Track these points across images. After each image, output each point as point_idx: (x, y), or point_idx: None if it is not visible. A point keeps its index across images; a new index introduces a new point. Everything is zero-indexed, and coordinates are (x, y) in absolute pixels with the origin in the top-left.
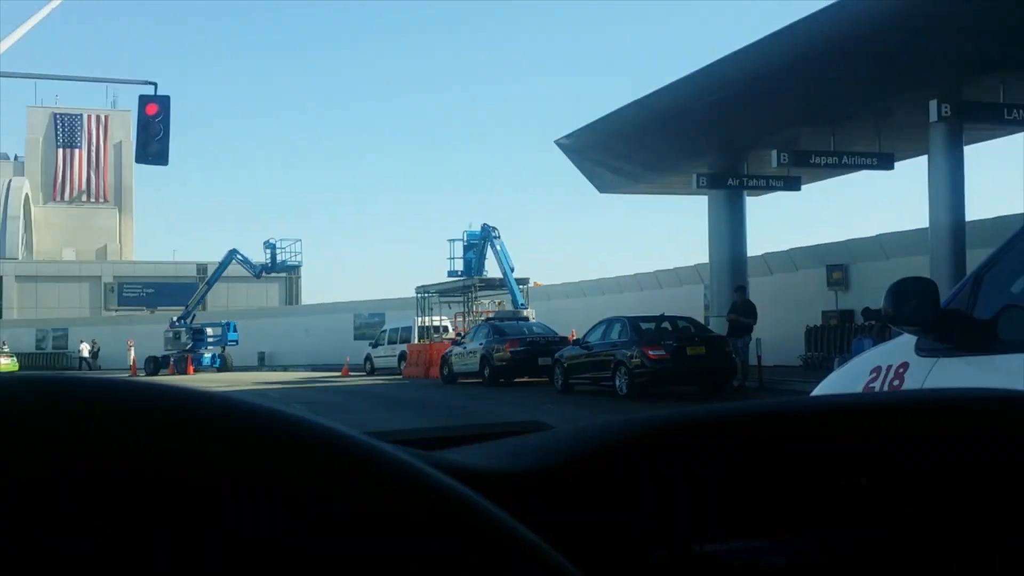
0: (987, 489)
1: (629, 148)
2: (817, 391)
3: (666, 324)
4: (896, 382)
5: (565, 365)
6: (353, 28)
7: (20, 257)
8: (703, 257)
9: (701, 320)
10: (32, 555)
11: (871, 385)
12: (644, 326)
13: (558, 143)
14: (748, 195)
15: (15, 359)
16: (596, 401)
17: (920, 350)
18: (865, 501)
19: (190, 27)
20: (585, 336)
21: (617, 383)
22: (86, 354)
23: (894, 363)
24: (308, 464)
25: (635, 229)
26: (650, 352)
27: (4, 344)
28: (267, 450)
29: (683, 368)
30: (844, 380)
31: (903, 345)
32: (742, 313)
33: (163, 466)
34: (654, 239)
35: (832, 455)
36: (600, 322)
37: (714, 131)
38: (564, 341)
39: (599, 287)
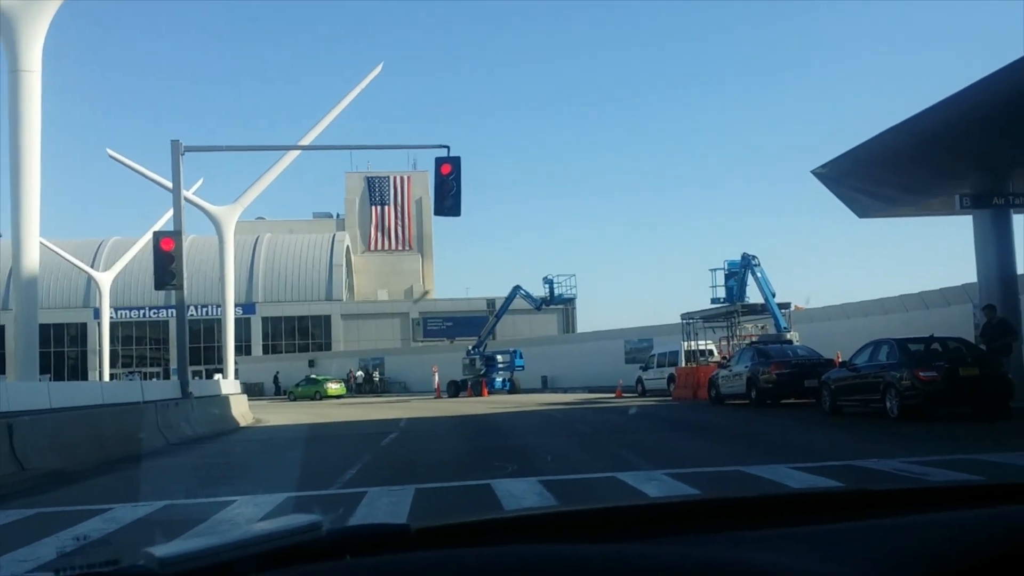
0: None
1: (887, 173)
2: None
3: (936, 345)
4: None
5: (832, 387)
6: (612, 81)
7: (344, 299)
8: (970, 276)
9: (972, 341)
10: None
11: None
12: (913, 347)
13: (815, 172)
14: (1014, 212)
15: (343, 384)
16: (867, 423)
17: None
18: None
19: (475, 90)
20: (852, 358)
21: (888, 405)
22: (359, 380)
23: None
24: None
25: (896, 250)
26: (921, 374)
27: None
28: None
29: (956, 390)
30: None
31: None
32: (994, 334)
33: None
34: (917, 259)
35: None
36: (867, 344)
37: (976, 152)
38: (830, 363)
39: (862, 309)
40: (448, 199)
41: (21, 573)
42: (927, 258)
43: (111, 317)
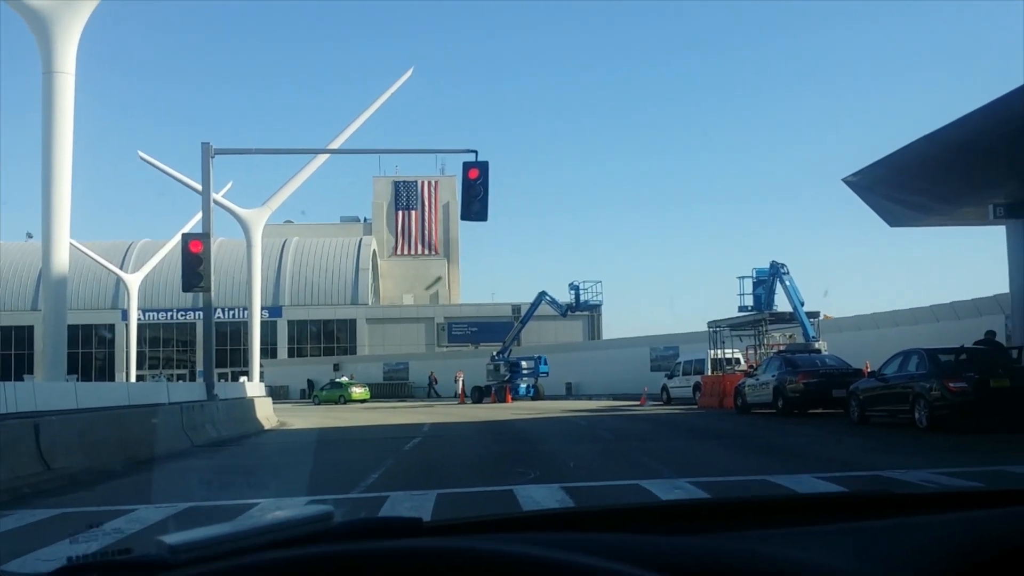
0: None
1: (920, 182)
2: None
3: (966, 356)
4: None
5: (861, 397)
6: (639, 91)
7: (369, 303)
8: (1002, 287)
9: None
10: None
11: None
12: (943, 358)
13: (846, 181)
14: None
15: (367, 388)
16: (895, 433)
17: None
18: None
19: (505, 97)
20: (881, 368)
21: (916, 415)
22: (345, 380)
23: None
24: None
25: (927, 260)
26: (950, 384)
27: (351, 376)
28: None
29: (986, 401)
30: None
31: None
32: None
33: None
34: (949, 269)
35: None
36: (897, 354)
37: (1010, 161)
38: (858, 373)
39: (892, 319)
40: (475, 203)
41: (35, 572)
42: (959, 268)
43: (139, 319)
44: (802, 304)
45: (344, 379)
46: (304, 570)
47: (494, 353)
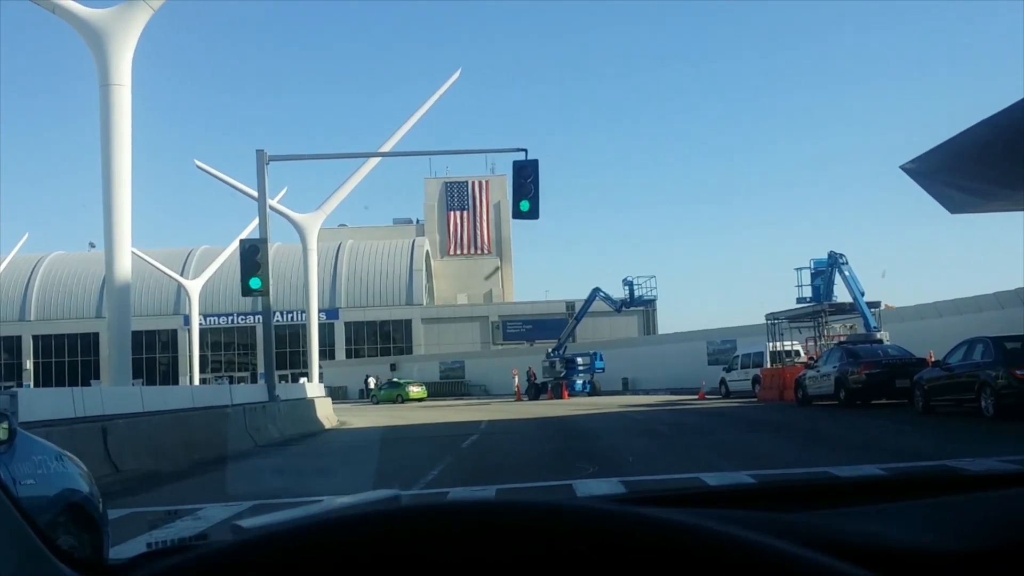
0: None
1: (980, 167)
2: None
3: None
4: None
5: (925, 387)
6: (690, 87)
7: (424, 303)
8: None
9: None
10: None
11: None
12: (1010, 346)
13: (904, 168)
14: None
15: (424, 387)
16: (961, 423)
17: None
18: None
19: (553, 95)
20: (945, 357)
21: (983, 404)
22: (372, 386)
23: None
24: None
25: (989, 246)
26: (1018, 372)
27: (377, 380)
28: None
29: None
30: None
31: None
32: None
33: None
34: (1012, 255)
35: None
36: (961, 343)
37: None
38: (922, 363)
39: (955, 307)
40: (526, 202)
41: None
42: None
43: (200, 323)
44: (862, 294)
45: (372, 381)
46: (371, 528)
47: (549, 350)
